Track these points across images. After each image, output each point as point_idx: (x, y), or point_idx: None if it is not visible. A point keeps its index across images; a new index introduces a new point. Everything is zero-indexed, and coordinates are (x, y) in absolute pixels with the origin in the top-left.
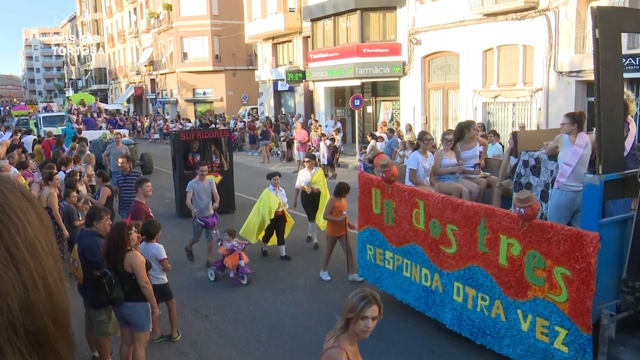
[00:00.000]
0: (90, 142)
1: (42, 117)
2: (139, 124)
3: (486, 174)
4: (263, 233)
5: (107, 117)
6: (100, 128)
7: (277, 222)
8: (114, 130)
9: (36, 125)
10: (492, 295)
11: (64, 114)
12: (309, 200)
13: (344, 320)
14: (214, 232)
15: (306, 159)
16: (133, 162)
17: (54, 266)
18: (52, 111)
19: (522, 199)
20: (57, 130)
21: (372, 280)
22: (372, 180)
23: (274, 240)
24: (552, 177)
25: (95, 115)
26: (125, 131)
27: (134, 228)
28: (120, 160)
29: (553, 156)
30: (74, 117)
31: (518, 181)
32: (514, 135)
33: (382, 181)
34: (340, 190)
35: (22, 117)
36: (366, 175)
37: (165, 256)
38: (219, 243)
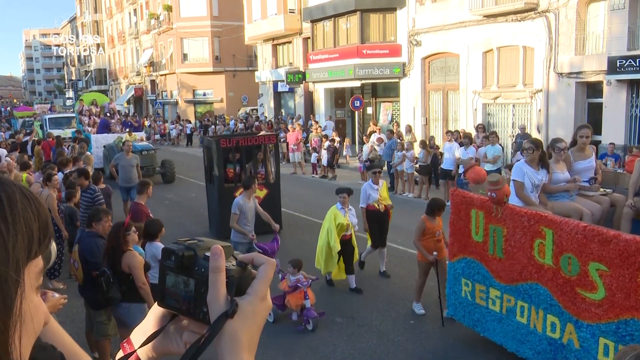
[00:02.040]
0: (104, 146)
1: (48, 118)
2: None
3: (607, 190)
4: (337, 264)
5: (121, 118)
6: (114, 131)
7: (344, 248)
8: (132, 133)
9: (42, 127)
10: None
11: (71, 115)
12: (376, 220)
13: None
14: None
15: (374, 171)
16: (153, 170)
17: None
18: (55, 112)
19: None
20: (64, 133)
21: (469, 322)
22: (472, 200)
23: (338, 273)
24: None
25: (108, 116)
26: (142, 134)
27: (133, 228)
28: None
29: None
30: (86, 119)
31: None
32: None
33: (486, 202)
34: (434, 208)
35: (28, 119)
36: (463, 193)
37: None
38: (280, 276)
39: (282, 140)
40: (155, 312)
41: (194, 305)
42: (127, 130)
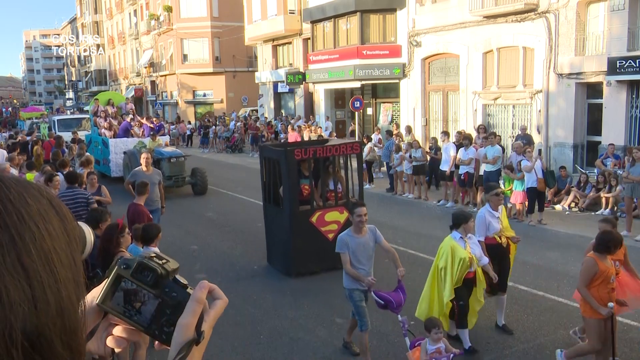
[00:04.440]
0: (125, 153)
1: (57, 120)
2: None
3: None
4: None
5: (142, 121)
6: (134, 135)
7: (466, 290)
8: (156, 137)
9: (50, 129)
10: None
11: (81, 116)
12: (496, 257)
13: None
14: (401, 319)
15: (495, 192)
16: (183, 180)
17: (70, 281)
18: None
19: None
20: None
21: None
22: None
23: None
24: None
25: (131, 118)
26: (166, 139)
27: (127, 230)
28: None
29: None
30: (102, 121)
31: None
32: None
33: None
34: (609, 244)
35: (36, 120)
36: None
37: None
38: (407, 339)
39: (282, 141)
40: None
41: (149, 322)
42: (152, 133)
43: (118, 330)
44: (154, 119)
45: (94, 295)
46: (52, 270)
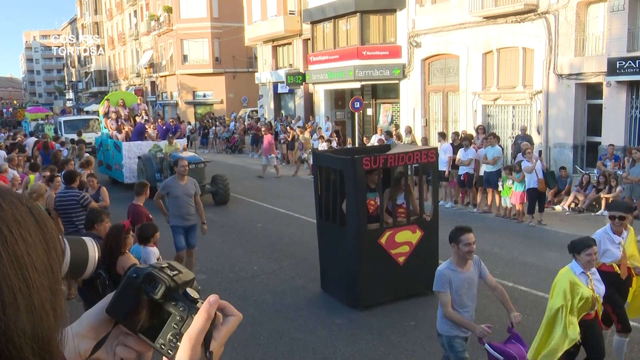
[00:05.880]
0: (139, 157)
1: (63, 121)
2: None
3: None
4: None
5: (154, 122)
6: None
7: (587, 332)
8: (173, 140)
9: (55, 131)
10: None
11: (88, 117)
12: (613, 287)
13: None
14: None
15: (618, 214)
16: (203, 188)
17: (45, 288)
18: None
19: None
20: (87, 137)
21: None
22: None
23: None
24: None
25: (146, 119)
26: (183, 142)
27: (131, 232)
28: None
29: None
30: (113, 123)
31: None
32: None
33: None
34: None
35: (41, 122)
36: None
37: (155, 261)
38: None
39: (282, 141)
40: (94, 318)
41: (156, 335)
42: (169, 136)
43: (126, 340)
44: (171, 120)
45: (106, 302)
46: (24, 276)
